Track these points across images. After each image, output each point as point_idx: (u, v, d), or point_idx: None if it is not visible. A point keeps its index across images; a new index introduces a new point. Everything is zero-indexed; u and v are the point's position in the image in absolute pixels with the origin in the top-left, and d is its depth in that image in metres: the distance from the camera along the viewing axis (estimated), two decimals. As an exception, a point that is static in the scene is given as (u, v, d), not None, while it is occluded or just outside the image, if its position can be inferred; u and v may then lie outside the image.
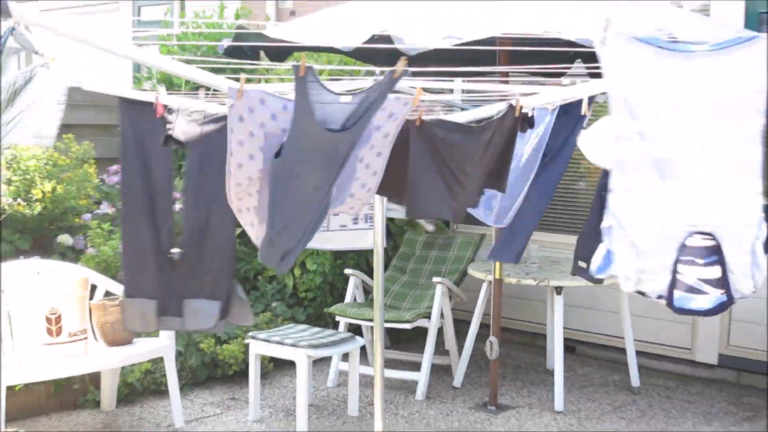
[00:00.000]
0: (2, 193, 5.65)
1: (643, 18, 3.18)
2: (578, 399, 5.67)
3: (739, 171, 2.74)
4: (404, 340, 6.47)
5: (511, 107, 3.40)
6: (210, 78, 3.09)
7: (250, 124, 2.77)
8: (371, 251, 6.55)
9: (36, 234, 6.37)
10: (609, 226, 2.55)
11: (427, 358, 5.69)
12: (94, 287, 5.05)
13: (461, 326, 6.14)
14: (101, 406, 5.23)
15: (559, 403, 5.44)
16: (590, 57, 2.96)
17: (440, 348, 6.04)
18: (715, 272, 2.61)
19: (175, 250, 3.23)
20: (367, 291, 6.11)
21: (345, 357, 5.72)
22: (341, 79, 5.15)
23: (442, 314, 5.76)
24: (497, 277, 5.47)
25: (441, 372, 6.03)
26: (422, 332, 5.97)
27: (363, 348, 5.85)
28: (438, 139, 3.59)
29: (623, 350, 6.08)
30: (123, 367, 5.26)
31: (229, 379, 5.86)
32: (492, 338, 5.40)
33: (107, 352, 4.82)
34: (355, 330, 5.90)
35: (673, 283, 2.59)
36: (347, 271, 6.09)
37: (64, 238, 6.42)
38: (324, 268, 6.46)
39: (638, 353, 6.13)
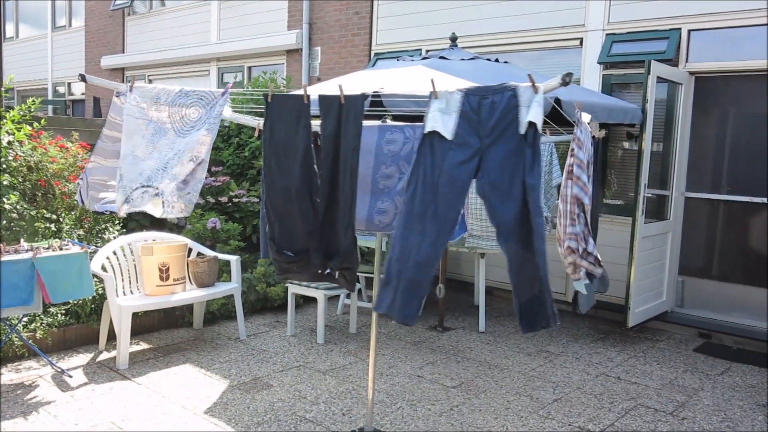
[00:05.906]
0: None
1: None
2: (494, 324, 5.71)
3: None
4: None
5: None
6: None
7: None
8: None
9: (154, 216, 6.37)
10: None
11: (400, 297, 5.70)
12: (190, 250, 5.06)
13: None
14: (193, 325, 5.25)
15: (482, 326, 5.48)
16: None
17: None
18: None
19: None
20: (362, 254, 6.09)
21: (348, 296, 5.77)
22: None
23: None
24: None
25: (408, 306, 6.04)
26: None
27: (359, 290, 5.92)
28: None
29: (523, 294, 6.15)
30: (207, 301, 5.26)
31: (275, 309, 5.86)
32: (441, 285, 5.43)
33: (197, 290, 4.81)
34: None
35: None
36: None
37: (172, 219, 6.42)
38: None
39: (532, 296, 6.21)
